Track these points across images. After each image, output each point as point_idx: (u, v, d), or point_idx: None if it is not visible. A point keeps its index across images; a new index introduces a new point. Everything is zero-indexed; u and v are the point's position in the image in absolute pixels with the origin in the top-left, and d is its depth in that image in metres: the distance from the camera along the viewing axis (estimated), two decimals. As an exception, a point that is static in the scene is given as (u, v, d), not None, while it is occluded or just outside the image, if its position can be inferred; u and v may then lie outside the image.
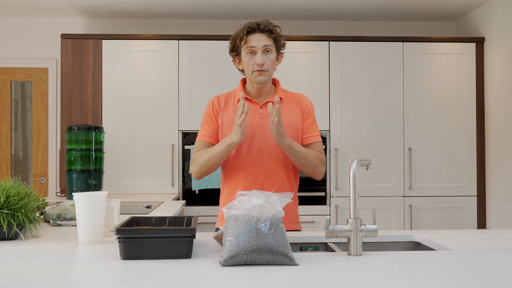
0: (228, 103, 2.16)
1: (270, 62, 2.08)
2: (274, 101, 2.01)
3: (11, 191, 1.78)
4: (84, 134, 3.60)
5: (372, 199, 4.16)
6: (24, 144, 4.86)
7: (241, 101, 1.96)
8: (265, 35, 2.07)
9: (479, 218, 4.24)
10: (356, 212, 1.55)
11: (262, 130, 2.09)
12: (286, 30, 4.73)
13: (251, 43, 2.06)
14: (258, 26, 2.07)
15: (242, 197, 1.48)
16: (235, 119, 2.05)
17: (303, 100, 2.20)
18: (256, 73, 2.07)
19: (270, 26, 2.09)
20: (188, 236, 1.47)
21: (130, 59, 4.18)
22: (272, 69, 2.11)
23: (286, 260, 1.39)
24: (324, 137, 4.19)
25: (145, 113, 4.15)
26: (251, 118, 2.10)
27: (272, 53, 2.09)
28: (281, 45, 2.14)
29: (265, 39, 2.07)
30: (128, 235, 1.46)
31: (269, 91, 2.17)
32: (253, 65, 2.07)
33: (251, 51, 2.07)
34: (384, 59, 4.25)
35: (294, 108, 2.17)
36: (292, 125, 2.12)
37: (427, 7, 4.42)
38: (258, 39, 2.06)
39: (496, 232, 2.02)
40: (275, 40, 2.10)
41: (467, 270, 1.37)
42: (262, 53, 2.06)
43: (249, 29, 2.07)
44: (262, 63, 2.05)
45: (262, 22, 2.08)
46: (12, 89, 4.79)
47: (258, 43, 2.06)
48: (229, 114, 2.13)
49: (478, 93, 4.28)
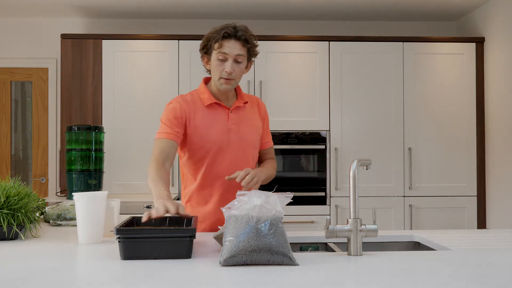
0: (196, 106, 2.08)
1: (238, 72, 2.03)
2: (238, 182, 1.91)
3: (11, 191, 1.78)
4: (84, 134, 3.60)
5: (372, 199, 4.16)
6: (24, 144, 4.86)
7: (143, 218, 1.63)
8: (240, 44, 2.00)
9: (479, 218, 4.24)
10: (356, 212, 1.55)
11: (234, 135, 2.07)
12: (286, 30, 4.76)
13: (224, 49, 1.99)
14: (236, 33, 1.99)
15: (242, 197, 1.48)
16: (207, 123, 2.04)
17: (261, 105, 2.22)
18: (222, 81, 2.02)
19: (247, 35, 2.02)
20: (188, 236, 1.47)
21: (130, 59, 4.18)
22: (239, 78, 2.06)
23: (286, 260, 1.39)
24: (324, 137, 4.19)
25: (145, 113, 4.15)
26: (222, 123, 2.07)
27: (242, 63, 2.04)
28: (253, 55, 2.08)
29: (239, 48, 2.00)
30: (128, 235, 1.46)
31: (233, 94, 2.14)
32: (222, 72, 2.01)
33: (222, 57, 2.00)
34: (384, 59, 4.25)
35: (255, 111, 2.19)
36: (256, 129, 2.15)
37: (427, 7, 4.42)
38: (232, 46, 1.99)
39: (496, 232, 2.02)
40: (249, 50, 2.04)
41: (467, 270, 1.37)
42: (233, 62, 2.00)
43: (226, 34, 1.99)
44: (231, 71, 2.00)
45: (239, 29, 2.01)
46: (12, 89, 4.79)
47: (232, 51, 1.99)
48: (200, 119, 2.06)
49: (478, 93, 4.28)
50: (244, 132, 2.09)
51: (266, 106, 2.26)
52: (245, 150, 2.09)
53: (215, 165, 2.06)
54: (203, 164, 2.08)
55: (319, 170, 4.20)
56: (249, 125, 2.12)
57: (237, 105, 2.11)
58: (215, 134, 2.05)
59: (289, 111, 4.19)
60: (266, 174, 2.07)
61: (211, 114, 2.08)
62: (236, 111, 2.10)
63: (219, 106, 2.09)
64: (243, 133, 2.09)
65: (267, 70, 4.19)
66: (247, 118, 2.13)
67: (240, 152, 2.08)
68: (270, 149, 2.25)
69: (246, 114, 2.13)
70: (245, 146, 2.09)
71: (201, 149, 2.06)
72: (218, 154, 2.06)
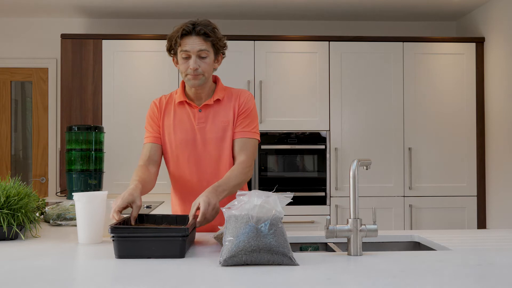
0: (169, 106, 2.09)
1: (205, 66, 1.97)
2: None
3: (11, 191, 1.78)
4: (84, 134, 3.60)
5: (372, 199, 4.16)
6: (24, 144, 4.86)
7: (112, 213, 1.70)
8: (200, 39, 1.94)
9: (479, 218, 4.24)
10: (356, 212, 1.54)
11: (202, 134, 2.04)
12: (286, 30, 4.76)
13: (185, 46, 1.94)
14: (194, 28, 1.94)
15: (242, 197, 1.48)
16: (175, 122, 2.04)
17: (241, 96, 2.07)
18: (190, 77, 1.97)
19: (207, 28, 1.95)
20: (181, 235, 1.48)
21: (130, 59, 4.18)
22: (209, 72, 2.00)
23: (286, 260, 1.39)
24: (324, 137, 4.19)
25: (145, 113, 4.13)
26: (190, 122, 2.05)
27: (208, 58, 1.98)
28: (220, 47, 2.01)
29: (200, 43, 1.94)
30: (122, 233, 1.48)
31: (208, 92, 2.07)
32: (187, 69, 1.97)
33: (185, 55, 1.96)
34: (384, 59, 4.25)
35: (231, 105, 2.06)
36: (224, 125, 2.04)
37: (427, 7, 4.42)
38: (192, 42, 1.94)
39: (496, 232, 2.02)
40: (213, 43, 1.98)
41: (467, 270, 1.37)
42: (197, 58, 1.95)
43: (184, 32, 1.94)
44: (196, 67, 1.95)
45: (198, 24, 1.95)
46: (12, 89, 4.79)
47: (193, 47, 1.94)
48: (170, 118, 2.07)
49: (478, 93, 4.28)
50: (209, 131, 2.04)
51: (253, 98, 2.11)
52: (210, 150, 2.04)
53: (180, 166, 2.06)
54: (170, 165, 2.10)
55: (319, 170, 4.20)
56: (217, 122, 2.04)
57: (206, 103, 2.04)
58: (181, 133, 2.05)
59: (289, 111, 4.19)
60: (225, 191, 1.86)
61: (180, 113, 2.07)
62: (205, 110, 2.05)
63: (188, 105, 2.06)
64: (208, 132, 2.04)
65: (267, 70, 4.19)
66: (216, 115, 2.05)
67: (205, 153, 2.04)
68: (240, 142, 2.03)
69: (217, 111, 2.05)
70: (209, 146, 2.04)
71: (169, 148, 2.07)
72: (183, 154, 2.05)
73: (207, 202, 1.72)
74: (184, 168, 2.06)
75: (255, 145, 2.07)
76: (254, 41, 4.16)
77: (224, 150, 2.05)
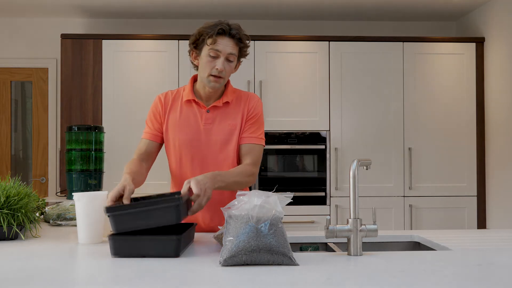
0: (175, 102, 2.07)
1: (228, 70, 1.98)
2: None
3: (11, 191, 1.78)
4: (84, 134, 3.60)
5: (372, 199, 4.16)
6: (24, 144, 4.86)
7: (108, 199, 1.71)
8: (233, 42, 1.95)
9: (479, 218, 4.24)
10: (356, 212, 1.54)
11: (208, 136, 2.02)
12: (286, 30, 4.76)
13: (218, 46, 1.93)
14: (230, 30, 1.94)
15: (242, 197, 1.48)
16: (181, 121, 2.02)
17: (250, 100, 2.07)
18: (212, 78, 1.95)
19: (241, 33, 1.97)
20: (174, 204, 1.52)
21: (130, 59, 4.18)
22: (228, 77, 2.00)
23: (286, 260, 1.39)
24: (324, 137, 4.19)
25: (145, 113, 4.11)
26: (196, 122, 2.03)
27: (233, 62, 1.98)
28: (243, 55, 2.02)
29: (232, 46, 1.95)
30: (117, 210, 1.52)
31: (218, 94, 2.06)
32: (212, 69, 1.95)
33: (214, 54, 1.94)
34: (384, 59, 4.25)
35: (240, 108, 2.05)
36: (231, 128, 2.03)
37: (427, 7, 4.42)
38: (226, 44, 1.94)
39: (496, 232, 2.02)
40: (240, 49, 1.99)
41: (467, 270, 1.37)
42: (225, 60, 1.95)
43: (220, 30, 1.93)
44: (222, 69, 1.93)
45: (233, 27, 1.95)
46: (12, 89, 4.79)
47: (225, 49, 1.93)
48: (176, 115, 2.05)
49: (478, 93, 4.28)
50: (215, 133, 2.02)
51: (261, 103, 2.11)
52: (214, 152, 2.02)
53: (183, 165, 2.05)
54: (172, 162, 2.08)
55: (319, 170, 4.20)
56: (224, 124, 2.02)
57: (215, 105, 2.02)
58: (187, 133, 2.03)
59: (289, 111, 4.19)
60: (223, 182, 1.85)
61: (186, 112, 2.04)
62: (213, 111, 2.03)
63: (196, 104, 2.04)
64: (214, 133, 2.02)
65: (267, 70, 4.19)
66: (224, 118, 2.03)
67: (209, 154, 2.02)
68: (247, 147, 2.03)
69: (225, 113, 2.03)
70: (214, 148, 2.02)
71: (172, 146, 2.06)
72: (187, 154, 2.03)
73: (201, 187, 1.71)
74: (186, 167, 2.05)
75: (261, 151, 2.06)
76: (254, 41, 4.16)
77: (229, 153, 2.03)
